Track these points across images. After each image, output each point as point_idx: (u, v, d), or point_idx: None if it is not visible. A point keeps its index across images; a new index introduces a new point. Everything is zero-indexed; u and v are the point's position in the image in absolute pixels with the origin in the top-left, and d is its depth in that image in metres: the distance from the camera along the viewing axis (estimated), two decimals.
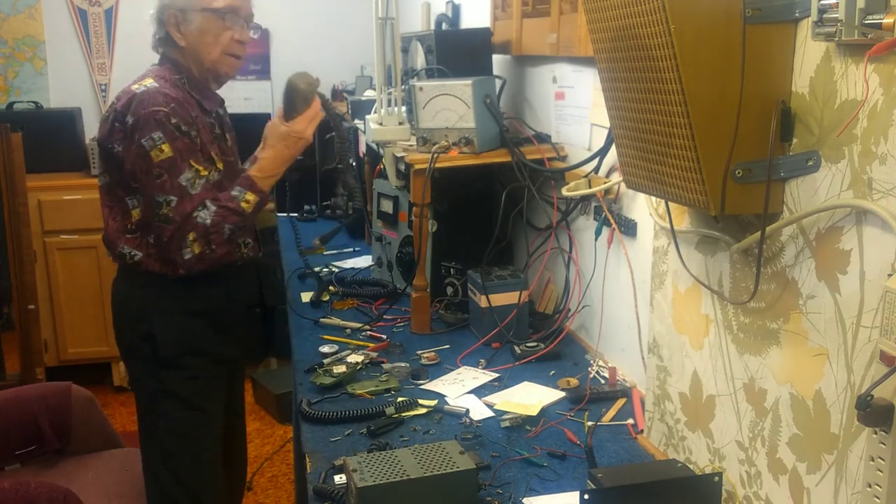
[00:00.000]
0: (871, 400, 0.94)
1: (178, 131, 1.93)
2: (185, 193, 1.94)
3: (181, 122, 1.93)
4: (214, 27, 2.01)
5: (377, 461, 1.36)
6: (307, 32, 4.89)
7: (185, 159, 1.94)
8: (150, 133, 1.90)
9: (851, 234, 1.08)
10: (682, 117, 1.16)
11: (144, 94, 1.93)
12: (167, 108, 1.92)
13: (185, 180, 1.94)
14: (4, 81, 4.45)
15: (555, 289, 2.34)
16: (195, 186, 1.95)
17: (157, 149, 1.91)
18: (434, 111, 2.25)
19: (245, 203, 2.00)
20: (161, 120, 1.91)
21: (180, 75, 2.05)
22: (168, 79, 2.01)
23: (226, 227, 1.97)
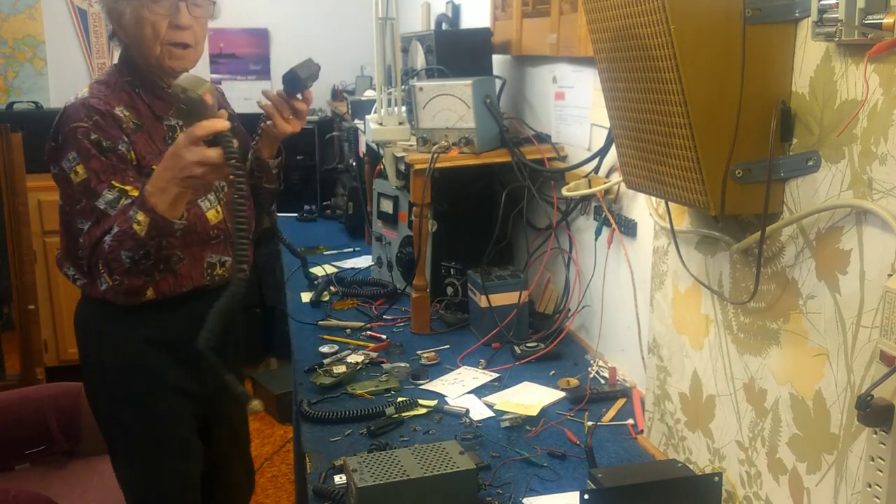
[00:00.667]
0: (871, 400, 0.94)
1: (98, 148, 1.67)
2: (101, 217, 1.66)
3: (103, 137, 1.68)
4: (148, 16, 1.70)
5: (377, 461, 1.36)
6: (307, 32, 4.89)
7: (102, 180, 1.66)
8: (67, 153, 1.68)
9: (851, 234, 1.08)
10: (682, 117, 1.16)
11: (70, 107, 1.71)
12: (88, 122, 1.67)
13: (105, 203, 1.66)
14: (4, 81, 4.45)
15: (555, 289, 2.34)
16: (117, 208, 1.66)
17: (74, 171, 1.67)
18: (434, 111, 2.25)
19: (137, 224, 1.59)
20: (78, 138, 1.67)
21: (132, 77, 1.80)
22: (111, 83, 1.78)
23: (122, 253, 1.62)
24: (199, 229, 1.81)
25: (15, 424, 2.46)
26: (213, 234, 1.84)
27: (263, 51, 4.90)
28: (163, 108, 1.81)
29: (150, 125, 1.78)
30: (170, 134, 1.80)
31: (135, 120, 1.75)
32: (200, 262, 1.84)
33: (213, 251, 1.86)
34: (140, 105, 1.78)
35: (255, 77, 4.93)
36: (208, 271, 1.85)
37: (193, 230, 1.79)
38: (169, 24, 1.72)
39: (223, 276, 1.88)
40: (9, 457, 2.46)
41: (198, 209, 1.81)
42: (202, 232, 1.82)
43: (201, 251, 1.84)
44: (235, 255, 1.76)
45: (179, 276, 1.81)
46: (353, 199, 3.30)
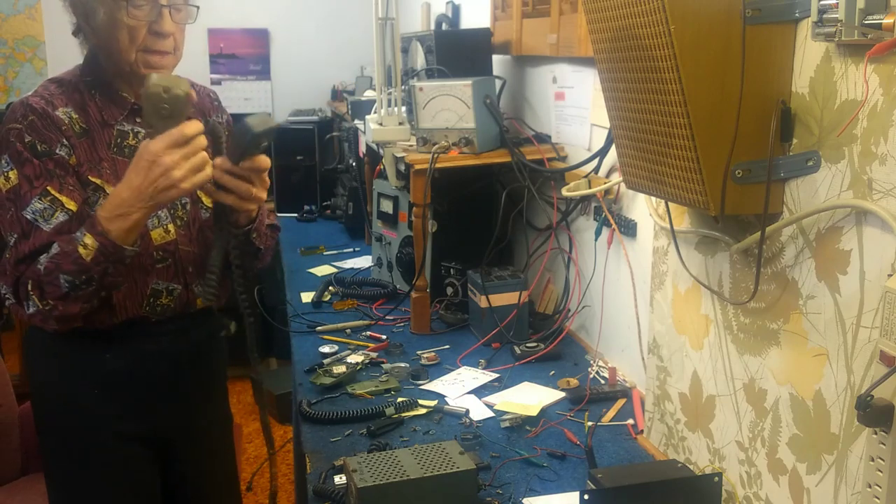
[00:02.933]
0: (871, 400, 0.94)
1: (32, 151, 1.51)
2: (30, 229, 1.49)
3: (37, 139, 1.51)
4: (123, 17, 1.52)
5: (377, 461, 1.36)
6: (307, 32, 4.89)
7: (35, 186, 1.50)
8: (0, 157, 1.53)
9: (851, 234, 1.08)
10: (682, 117, 1.16)
11: (13, 106, 1.57)
12: (23, 123, 1.52)
13: (33, 212, 1.49)
14: (4, 81, 4.46)
15: (555, 289, 2.34)
16: (50, 220, 1.49)
17: (5, 176, 1.51)
18: (434, 111, 2.25)
19: (82, 248, 1.43)
20: (11, 140, 1.52)
21: (92, 77, 1.63)
22: (66, 81, 1.63)
23: (60, 277, 1.44)
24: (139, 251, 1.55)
25: None
26: (157, 256, 1.62)
27: (263, 51, 4.90)
28: (114, 114, 1.62)
29: (95, 131, 1.59)
30: (118, 140, 1.61)
31: (81, 123, 1.57)
32: (141, 289, 1.61)
33: (158, 277, 1.63)
34: (91, 108, 1.60)
35: (255, 77, 4.93)
36: (150, 300, 1.63)
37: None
38: (148, 30, 1.54)
39: (169, 306, 1.66)
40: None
41: None
42: (143, 254, 1.59)
43: (143, 277, 1.61)
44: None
45: (113, 304, 1.59)
46: (353, 199, 3.30)
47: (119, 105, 1.63)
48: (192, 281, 1.68)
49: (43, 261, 1.46)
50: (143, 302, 1.63)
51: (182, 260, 1.66)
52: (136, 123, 1.64)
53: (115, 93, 1.63)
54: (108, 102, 1.62)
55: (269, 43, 4.90)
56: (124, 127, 1.63)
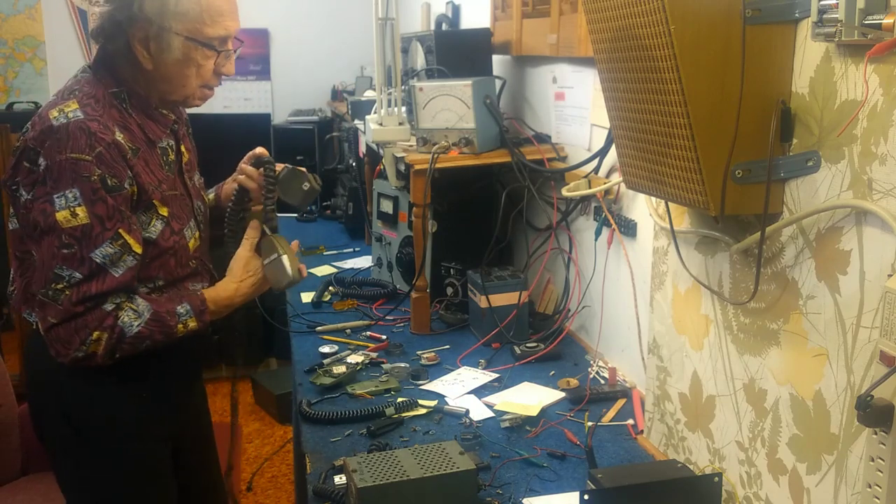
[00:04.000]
0: (871, 400, 0.94)
1: (104, 187, 1.44)
2: (97, 272, 1.45)
3: (108, 173, 1.45)
4: (199, 58, 1.54)
5: (377, 461, 1.36)
6: (307, 32, 4.90)
7: (108, 228, 1.45)
8: (63, 189, 1.42)
9: (851, 234, 1.08)
10: (682, 117, 1.16)
11: (63, 130, 1.43)
12: (91, 155, 1.43)
13: (103, 256, 1.45)
14: (4, 82, 4.46)
15: (555, 289, 2.34)
16: (118, 265, 1.47)
17: (69, 211, 1.43)
18: (434, 111, 2.25)
19: (182, 327, 1.54)
20: (83, 175, 1.42)
21: (119, 88, 1.55)
22: (101, 98, 1.51)
23: (147, 343, 1.51)
24: (183, 262, 1.63)
25: None
26: (192, 264, 1.67)
27: (263, 51, 4.91)
28: (156, 132, 1.60)
29: (145, 150, 1.55)
30: (164, 158, 1.61)
31: (130, 144, 1.52)
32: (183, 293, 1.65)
33: (193, 280, 1.68)
34: (132, 125, 1.55)
35: (255, 77, 4.93)
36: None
37: (179, 264, 1.62)
38: (214, 71, 1.59)
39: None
40: None
41: (182, 240, 1.62)
42: (185, 264, 1.65)
43: (184, 283, 1.66)
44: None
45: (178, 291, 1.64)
46: (353, 199, 3.30)
47: (160, 123, 1.61)
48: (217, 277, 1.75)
49: (131, 321, 1.49)
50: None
51: (204, 261, 1.74)
52: (168, 136, 1.64)
53: (151, 109, 1.60)
54: (145, 119, 1.58)
55: (269, 43, 4.91)
56: (162, 143, 1.62)
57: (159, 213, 1.56)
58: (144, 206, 1.53)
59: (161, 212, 1.57)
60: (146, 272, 1.57)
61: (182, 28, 1.50)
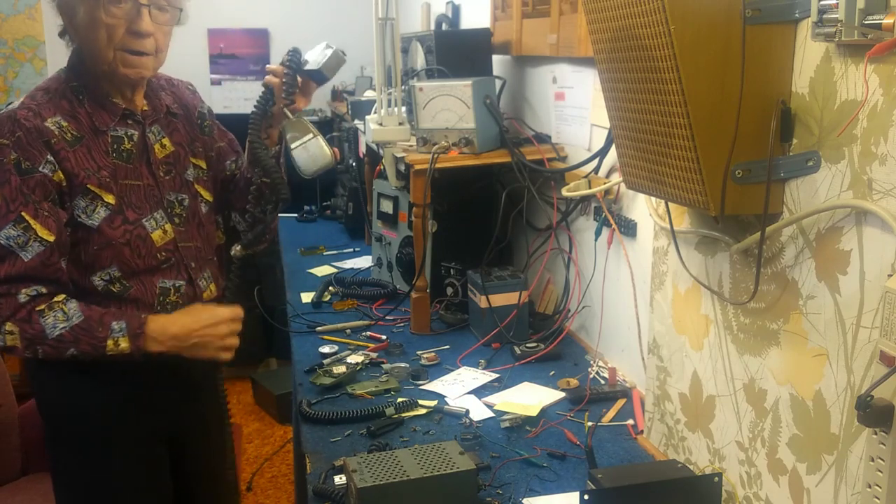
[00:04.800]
0: (871, 400, 0.94)
1: (17, 170, 1.48)
2: (5, 254, 1.48)
3: (23, 156, 1.48)
4: (104, 18, 1.50)
5: (377, 462, 1.36)
6: (307, 32, 4.88)
7: (11, 210, 1.47)
8: None
9: (851, 234, 1.08)
10: (682, 117, 1.16)
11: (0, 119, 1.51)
12: (10, 139, 1.48)
13: (7, 238, 1.47)
14: (4, 81, 4.46)
15: (555, 289, 2.34)
16: (26, 249, 1.47)
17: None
18: (434, 111, 2.25)
19: (112, 343, 1.51)
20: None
21: (78, 82, 1.60)
22: (54, 89, 1.58)
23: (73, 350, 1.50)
24: (143, 253, 1.60)
25: None
26: (160, 256, 1.63)
27: (263, 51, 4.90)
28: (105, 120, 1.59)
29: (90, 138, 1.57)
30: (114, 146, 1.60)
31: (73, 131, 1.55)
32: (150, 289, 1.63)
33: (164, 276, 1.65)
34: (81, 114, 1.57)
35: (255, 77, 4.92)
36: (160, 298, 1.64)
37: (137, 255, 1.60)
38: (127, 30, 1.52)
39: (177, 303, 1.67)
40: None
41: (140, 230, 1.60)
42: (147, 256, 1.61)
43: (150, 277, 1.63)
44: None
45: (126, 307, 1.60)
46: (353, 199, 3.30)
47: (109, 111, 1.61)
48: (195, 276, 1.70)
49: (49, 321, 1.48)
50: (154, 301, 1.63)
51: (184, 256, 1.68)
52: (129, 126, 1.63)
53: (105, 98, 1.61)
54: (97, 108, 1.59)
55: (269, 43, 4.90)
56: (118, 132, 1.61)
57: (104, 200, 1.56)
58: (81, 191, 1.54)
59: (106, 198, 1.57)
60: (97, 261, 1.57)
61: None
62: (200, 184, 1.76)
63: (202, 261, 1.73)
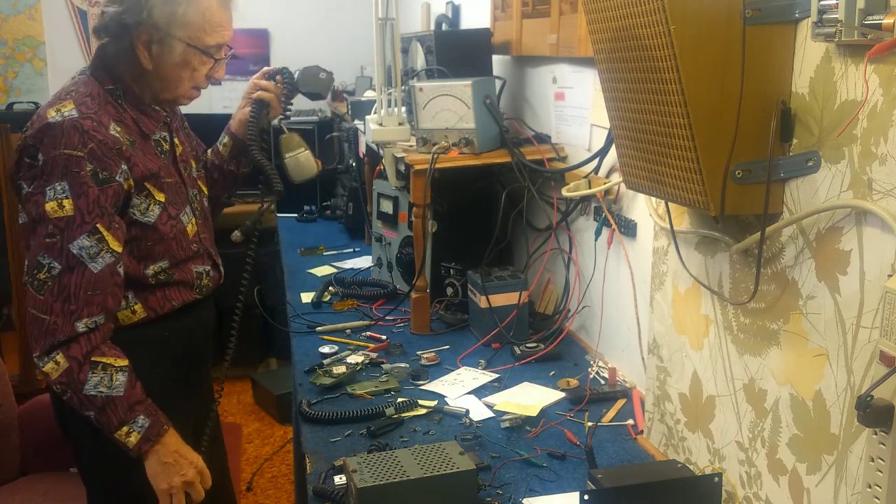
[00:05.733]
0: (871, 400, 0.94)
1: (95, 180, 1.52)
2: (76, 264, 1.52)
3: (99, 168, 1.53)
4: (196, 63, 1.67)
5: (377, 462, 1.36)
6: (307, 32, 4.89)
7: (86, 222, 1.52)
8: (54, 182, 1.51)
9: (851, 234, 1.08)
10: (682, 118, 1.16)
11: (58, 127, 1.52)
12: (83, 151, 1.51)
13: (80, 248, 1.51)
14: (4, 82, 4.46)
15: (555, 289, 2.34)
16: (96, 259, 1.53)
17: (56, 202, 1.51)
18: (434, 112, 2.25)
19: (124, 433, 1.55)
20: (73, 170, 1.51)
21: (114, 85, 1.65)
22: (94, 94, 1.61)
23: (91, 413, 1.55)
24: (183, 245, 1.73)
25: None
26: (193, 247, 1.76)
27: (263, 51, 4.90)
28: (149, 126, 1.69)
29: (140, 141, 1.65)
30: (158, 149, 1.71)
31: (128, 136, 1.62)
32: (189, 275, 1.75)
33: (195, 263, 1.77)
34: (127, 119, 1.64)
35: None
36: (197, 282, 1.77)
37: (179, 247, 1.71)
38: (206, 74, 1.72)
39: (208, 286, 1.81)
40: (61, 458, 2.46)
41: (180, 224, 1.72)
42: (186, 247, 1.74)
43: (188, 265, 1.76)
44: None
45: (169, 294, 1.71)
46: (353, 199, 3.30)
47: (153, 117, 1.71)
48: (217, 261, 1.88)
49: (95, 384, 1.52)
50: (193, 286, 1.77)
51: (205, 245, 1.83)
52: (162, 129, 1.75)
53: (144, 105, 1.69)
54: (139, 114, 1.68)
55: (269, 43, 4.90)
56: (156, 136, 1.72)
57: (156, 199, 1.66)
58: (138, 189, 1.63)
59: (158, 197, 1.67)
60: (150, 255, 1.67)
61: (185, 35, 1.62)
62: (200, 179, 1.91)
63: (215, 248, 1.89)
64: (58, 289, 1.51)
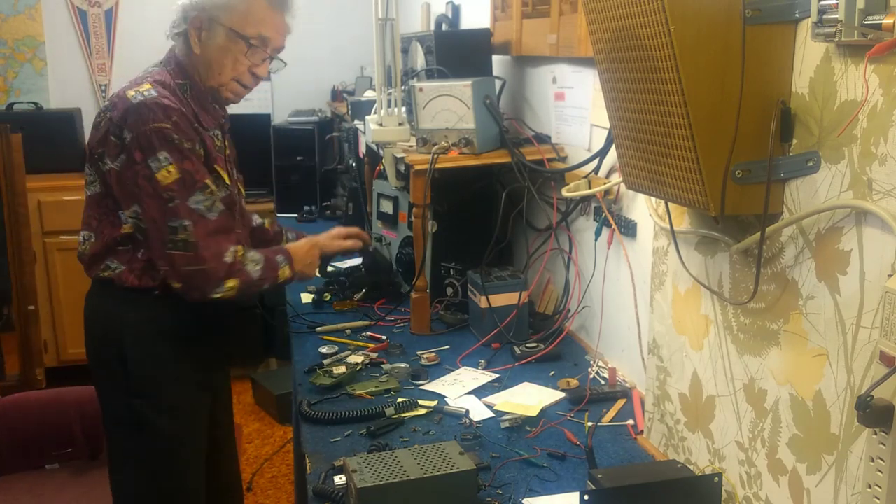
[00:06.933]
0: (870, 400, 0.94)
1: (186, 149, 1.74)
2: (199, 219, 1.74)
3: (184, 138, 1.73)
4: (236, 51, 1.80)
5: (377, 462, 1.36)
6: (307, 32, 4.87)
7: (197, 180, 1.74)
8: (154, 153, 1.70)
9: (851, 234, 1.08)
10: (682, 118, 1.16)
11: (142, 105, 1.71)
12: (169, 122, 1.71)
13: (196, 202, 1.73)
14: (4, 82, 4.45)
15: (555, 289, 2.34)
16: (212, 210, 1.76)
17: (165, 170, 1.70)
18: (434, 112, 2.25)
19: (282, 272, 1.89)
20: (167, 137, 1.71)
21: (184, 80, 1.83)
22: (168, 84, 1.79)
23: (265, 285, 1.87)
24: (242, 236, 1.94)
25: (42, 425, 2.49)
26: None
27: None
28: (207, 121, 1.85)
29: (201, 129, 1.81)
30: (216, 144, 1.88)
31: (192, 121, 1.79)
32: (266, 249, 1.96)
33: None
34: (188, 111, 1.79)
35: None
36: None
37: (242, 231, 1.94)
38: (249, 68, 1.84)
39: None
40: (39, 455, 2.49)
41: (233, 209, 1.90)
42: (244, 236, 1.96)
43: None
44: None
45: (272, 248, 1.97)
46: (353, 199, 3.30)
47: (212, 114, 1.89)
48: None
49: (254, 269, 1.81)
50: None
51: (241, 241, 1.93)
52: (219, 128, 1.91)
53: (207, 102, 1.88)
54: (201, 109, 1.84)
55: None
56: (212, 132, 1.86)
57: (224, 182, 1.85)
58: (210, 171, 1.80)
59: (225, 180, 1.86)
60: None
61: (227, 19, 1.78)
62: (240, 182, 2.04)
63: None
64: (200, 239, 1.73)
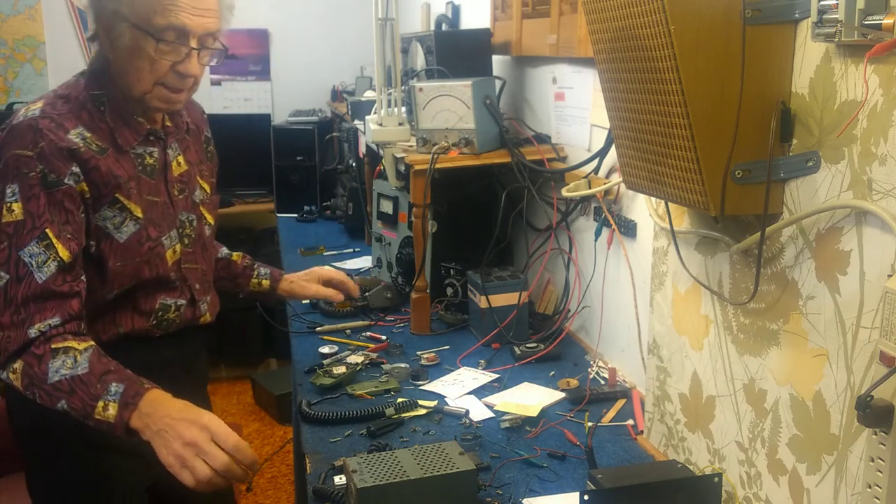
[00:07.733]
0: (870, 401, 0.94)
1: (43, 183, 1.41)
2: (25, 274, 1.39)
3: (48, 168, 1.41)
4: (150, 50, 1.44)
5: (377, 462, 1.36)
6: (307, 33, 4.89)
7: (36, 226, 1.40)
8: (4, 185, 1.41)
9: (851, 234, 1.08)
10: (682, 118, 1.16)
11: (16, 128, 1.44)
12: (33, 150, 1.41)
13: (30, 256, 1.40)
14: (4, 82, 4.46)
15: (554, 289, 2.34)
16: (42, 268, 1.40)
17: (7, 206, 1.41)
18: (434, 112, 2.25)
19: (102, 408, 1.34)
20: (22, 171, 1.40)
21: (100, 91, 1.52)
22: (73, 97, 1.50)
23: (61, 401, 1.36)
24: (158, 271, 1.57)
25: None
26: (171, 276, 1.60)
27: (263, 51, 4.90)
28: (128, 139, 1.54)
29: (113, 151, 1.51)
30: (139, 162, 1.55)
31: (98, 142, 1.49)
32: (151, 304, 1.58)
33: (168, 294, 1.61)
34: (102, 128, 1.51)
35: (255, 77, 4.93)
36: (158, 314, 1.59)
37: (152, 272, 1.55)
38: (172, 67, 1.47)
39: (174, 321, 1.62)
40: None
41: (160, 248, 1.57)
42: (163, 275, 1.58)
43: (154, 293, 1.59)
44: None
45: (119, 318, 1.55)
46: (353, 199, 3.30)
47: (134, 129, 1.55)
48: (199, 298, 1.68)
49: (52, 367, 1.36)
50: (151, 316, 1.59)
51: (188, 278, 1.65)
52: (150, 143, 1.58)
53: (129, 115, 1.55)
54: (120, 124, 1.53)
55: (269, 43, 4.90)
56: (137, 150, 1.56)
57: (133, 214, 1.52)
58: (109, 201, 1.49)
59: (135, 212, 1.52)
60: (118, 277, 1.51)
61: (130, 13, 1.43)
62: (205, 206, 1.73)
63: (206, 284, 1.71)
64: (4, 300, 1.39)
